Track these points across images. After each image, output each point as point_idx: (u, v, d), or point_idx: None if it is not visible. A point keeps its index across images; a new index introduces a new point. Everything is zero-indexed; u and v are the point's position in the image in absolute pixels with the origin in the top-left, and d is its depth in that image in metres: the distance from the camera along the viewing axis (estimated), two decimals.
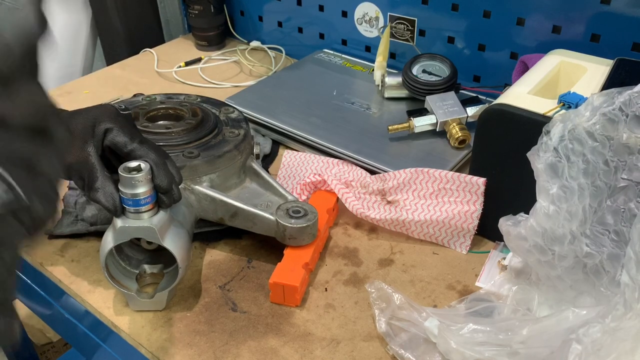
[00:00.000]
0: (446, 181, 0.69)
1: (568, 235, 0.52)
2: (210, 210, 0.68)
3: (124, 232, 0.56)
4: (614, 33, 0.81)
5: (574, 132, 0.51)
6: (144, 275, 0.63)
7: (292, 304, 0.62)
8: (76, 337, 0.75)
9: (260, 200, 0.70)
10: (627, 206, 0.51)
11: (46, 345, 1.40)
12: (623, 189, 0.51)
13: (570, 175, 0.51)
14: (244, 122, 0.76)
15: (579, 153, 0.51)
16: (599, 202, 0.52)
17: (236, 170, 0.71)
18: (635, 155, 0.50)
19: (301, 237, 0.65)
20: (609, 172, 0.51)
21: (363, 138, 0.84)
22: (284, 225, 0.64)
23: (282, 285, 0.61)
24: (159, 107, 0.74)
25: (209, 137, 0.71)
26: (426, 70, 0.91)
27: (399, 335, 0.57)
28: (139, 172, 0.54)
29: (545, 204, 0.52)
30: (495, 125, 0.64)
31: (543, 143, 0.52)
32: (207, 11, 1.19)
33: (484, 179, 0.67)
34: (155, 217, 0.56)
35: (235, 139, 0.71)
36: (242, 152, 0.72)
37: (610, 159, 0.51)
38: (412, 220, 0.69)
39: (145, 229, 0.55)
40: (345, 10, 1.08)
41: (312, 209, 0.66)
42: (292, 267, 0.62)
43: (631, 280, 0.44)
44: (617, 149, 0.50)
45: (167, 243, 0.57)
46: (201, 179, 0.67)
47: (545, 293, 0.58)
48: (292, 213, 0.65)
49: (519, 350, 0.50)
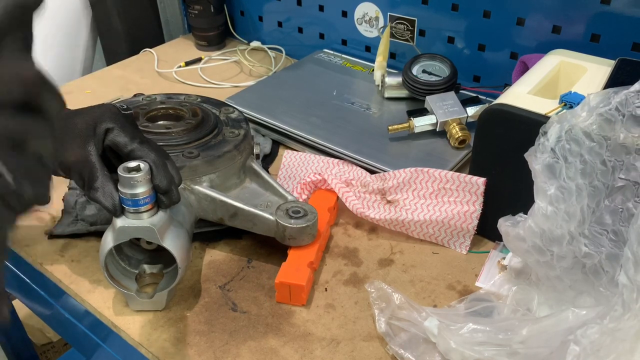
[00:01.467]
0: (446, 181, 0.69)
1: (566, 235, 0.52)
2: (210, 210, 0.68)
3: (123, 232, 0.56)
4: (614, 33, 0.81)
5: (570, 133, 0.51)
6: (144, 275, 0.63)
7: (298, 304, 0.62)
8: (76, 337, 0.75)
9: (260, 200, 0.70)
10: (625, 206, 0.51)
11: (46, 345, 1.40)
12: (621, 188, 0.51)
13: (567, 176, 0.51)
14: (244, 122, 0.76)
15: (576, 153, 0.51)
16: (597, 202, 0.52)
17: (236, 171, 0.71)
18: (632, 154, 0.50)
19: (301, 238, 0.65)
20: (607, 172, 0.51)
21: (363, 138, 0.84)
22: (283, 225, 0.64)
23: (289, 285, 0.61)
24: (159, 107, 0.74)
25: (208, 137, 0.71)
26: (426, 70, 0.91)
27: (399, 335, 0.57)
28: (138, 172, 0.54)
29: (543, 205, 0.52)
30: (495, 125, 0.64)
31: (540, 144, 0.52)
32: (207, 11, 1.19)
33: (484, 179, 0.67)
34: (155, 217, 0.56)
35: (235, 139, 0.71)
36: (242, 152, 0.71)
37: (608, 159, 0.51)
38: (412, 220, 0.70)
39: (145, 229, 0.55)
40: (345, 10, 1.08)
41: (311, 209, 0.66)
42: (298, 267, 0.62)
43: (629, 281, 0.44)
44: (614, 148, 0.50)
45: (166, 243, 0.57)
46: (201, 179, 0.67)
47: (545, 293, 0.58)
48: (292, 213, 0.65)
49: (519, 350, 0.50)
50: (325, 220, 0.69)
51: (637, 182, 0.51)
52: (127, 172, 0.54)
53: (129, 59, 1.23)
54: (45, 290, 0.76)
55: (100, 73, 1.19)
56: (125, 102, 0.77)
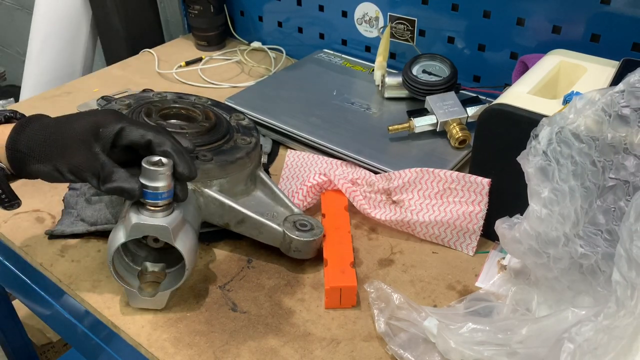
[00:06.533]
0: (451, 181, 0.69)
1: (562, 237, 0.52)
2: (217, 214, 0.67)
3: (138, 228, 0.56)
4: (614, 33, 0.81)
5: (560, 135, 0.51)
6: (146, 273, 0.63)
7: (349, 305, 0.62)
8: (76, 338, 0.75)
9: (266, 210, 0.70)
10: (617, 205, 0.52)
11: (46, 345, 1.40)
12: (612, 188, 0.52)
13: (560, 178, 0.51)
14: (255, 130, 0.76)
15: (567, 155, 0.51)
16: (590, 203, 0.52)
17: (244, 178, 0.71)
18: (620, 154, 0.51)
19: (306, 251, 0.65)
20: (597, 172, 0.51)
21: (363, 138, 0.84)
22: (290, 237, 0.65)
23: (340, 289, 0.61)
24: (172, 105, 0.74)
25: (221, 142, 0.71)
26: (426, 71, 0.91)
27: (398, 335, 0.57)
28: (162, 166, 0.54)
29: (538, 208, 0.52)
30: (494, 125, 0.64)
31: (532, 147, 0.52)
32: (207, 11, 1.19)
33: (489, 179, 0.67)
34: (170, 217, 0.56)
35: (247, 146, 0.72)
36: (253, 160, 0.72)
37: (597, 159, 0.51)
38: (418, 221, 0.69)
39: (160, 228, 0.56)
40: (345, 10, 1.08)
41: (318, 224, 0.67)
42: (342, 269, 0.62)
43: (623, 278, 0.44)
44: (603, 149, 0.51)
45: (178, 244, 0.57)
46: (212, 182, 0.67)
47: (544, 293, 0.58)
48: (299, 226, 0.66)
49: (518, 350, 0.50)
50: (347, 219, 0.70)
51: (628, 181, 0.51)
52: (151, 165, 0.54)
53: (128, 59, 1.23)
54: (45, 290, 0.76)
55: (100, 73, 1.19)
56: (134, 97, 0.77)
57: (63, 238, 0.72)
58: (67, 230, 0.72)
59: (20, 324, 1.22)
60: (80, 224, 0.73)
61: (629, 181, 0.51)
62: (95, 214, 0.72)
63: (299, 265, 0.68)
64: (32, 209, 0.77)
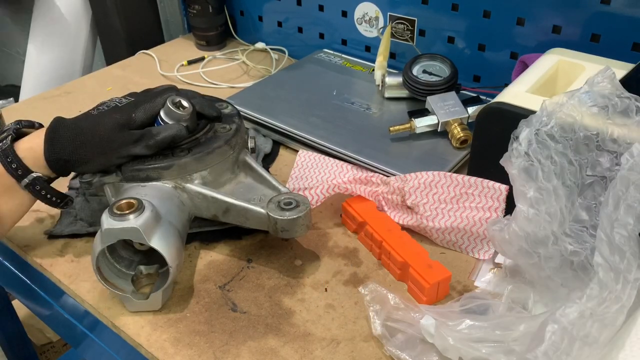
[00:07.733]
0: (468, 186, 0.68)
1: (550, 236, 0.52)
2: (204, 207, 0.67)
3: (109, 234, 0.56)
4: (614, 33, 0.81)
5: (537, 136, 0.52)
6: (140, 277, 0.63)
7: (443, 297, 0.63)
8: (76, 338, 0.75)
9: (255, 194, 0.68)
10: (597, 201, 0.53)
11: (46, 345, 1.40)
12: (590, 185, 0.53)
13: (544, 177, 0.52)
14: (237, 116, 0.74)
15: (547, 155, 0.52)
16: (572, 201, 0.53)
17: (229, 166, 0.70)
18: (594, 151, 0.52)
19: (294, 229, 0.63)
20: (575, 170, 0.53)
21: (363, 138, 0.84)
22: (274, 218, 0.63)
23: (438, 282, 0.61)
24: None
25: (200, 134, 0.70)
26: (426, 71, 0.91)
27: (396, 336, 0.57)
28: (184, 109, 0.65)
29: (525, 208, 0.52)
30: (493, 123, 0.64)
31: (514, 149, 0.53)
32: (207, 11, 1.19)
33: (507, 185, 0.65)
34: (140, 218, 0.56)
35: (226, 134, 0.70)
36: (234, 147, 0.70)
37: (574, 158, 0.52)
38: (434, 228, 0.68)
39: (131, 230, 0.56)
40: (345, 10, 1.08)
41: (304, 200, 0.64)
42: (429, 264, 0.63)
43: (604, 260, 0.45)
44: (577, 148, 0.52)
45: (154, 243, 0.56)
46: (192, 176, 0.67)
47: (539, 292, 0.58)
48: (284, 205, 0.63)
49: (515, 348, 0.50)
50: (389, 218, 0.70)
51: (605, 177, 0.52)
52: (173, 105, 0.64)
53: (128, 58, 1.23)
54: (45, 290, 0.76)
55: (100, 73, 1.19)
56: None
57: (63, 238, 0.72)
58: (66, 230, 0.72)
59: (20, 324, 1.22)
60: (79, 224, 0.73)
61: (606, 176, 0.52)
62: (94, 214, 0.72)
63: (299, 266, 0.68)
64: (32, 209, 0.77)
